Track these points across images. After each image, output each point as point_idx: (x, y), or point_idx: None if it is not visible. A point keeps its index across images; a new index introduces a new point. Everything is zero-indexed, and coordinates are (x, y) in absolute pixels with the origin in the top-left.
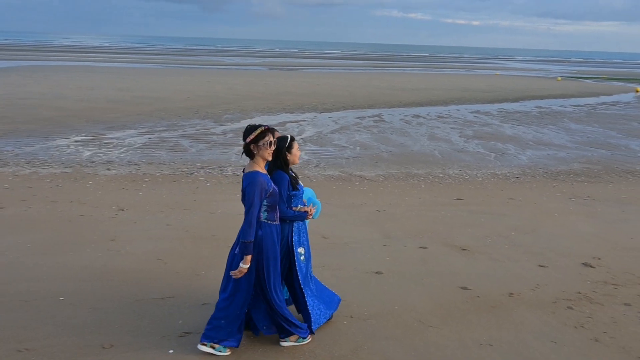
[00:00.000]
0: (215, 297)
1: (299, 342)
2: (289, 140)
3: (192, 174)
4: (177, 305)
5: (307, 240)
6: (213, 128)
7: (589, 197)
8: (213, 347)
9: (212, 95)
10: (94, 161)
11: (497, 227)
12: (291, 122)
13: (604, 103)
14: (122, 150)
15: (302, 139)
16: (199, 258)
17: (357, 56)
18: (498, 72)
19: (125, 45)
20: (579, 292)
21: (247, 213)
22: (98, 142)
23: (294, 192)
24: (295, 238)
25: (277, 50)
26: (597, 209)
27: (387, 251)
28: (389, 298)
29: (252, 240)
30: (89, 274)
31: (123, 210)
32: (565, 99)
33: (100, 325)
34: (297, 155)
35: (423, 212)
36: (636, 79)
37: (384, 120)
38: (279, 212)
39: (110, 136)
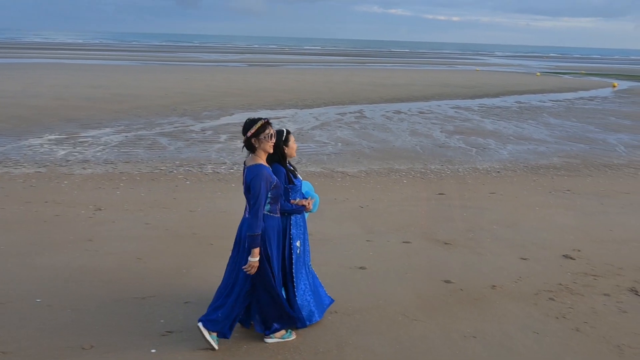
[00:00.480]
0: (197, 294)
1: (284, 339)
2: (285, 134)
3: (171, 172)
4: (159, 305)
5: (304, 233)
6: (192, 125)
7: (568, 190)
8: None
9: (190, 92)
10: (68, 160)
11: (479, 221)
12: (272, 118)
13: (582, 98)
14: (98, 148)
15: None
16: (180, 256)
17: (337, 52)
18: (478, 68)
19: (100, 41)
20: (560, 284)
21: (253, 206)
22: (73, 141)
23: (290, 186)
24: (293, 231)
25: (256, 46)
26: (577, 202)
27: (370, 246)
28: (373, 293)
29: (260, 232)
30: (67, 275)
31: (100, 209)
32: (545, 94)
33: (80, 326)
34: (294, 148)
35: (405, 207)
36: (613, 75)
37: (365, 116)
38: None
39: (85, 135)
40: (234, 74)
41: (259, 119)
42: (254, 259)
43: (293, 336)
